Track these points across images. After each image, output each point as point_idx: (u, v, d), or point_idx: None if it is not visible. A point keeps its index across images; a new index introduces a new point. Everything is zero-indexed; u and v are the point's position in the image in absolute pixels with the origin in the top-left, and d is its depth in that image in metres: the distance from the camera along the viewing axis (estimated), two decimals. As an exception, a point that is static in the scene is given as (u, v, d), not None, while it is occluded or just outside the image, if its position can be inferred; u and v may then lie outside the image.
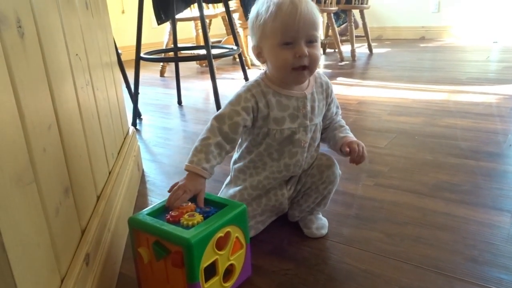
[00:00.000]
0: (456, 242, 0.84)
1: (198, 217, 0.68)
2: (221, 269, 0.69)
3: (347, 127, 0.90)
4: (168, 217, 0.69)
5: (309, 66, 0.77)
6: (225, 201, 0.75)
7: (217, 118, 0.79)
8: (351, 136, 0.87)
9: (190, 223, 0.66)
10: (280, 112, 0.80)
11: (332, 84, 0.89)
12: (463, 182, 1.11)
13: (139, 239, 0.70)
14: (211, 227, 0.66)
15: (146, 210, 0.73)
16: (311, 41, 0.76)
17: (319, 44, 0.79)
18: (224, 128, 0.78)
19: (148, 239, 0.68)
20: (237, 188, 0.86)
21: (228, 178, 0.92)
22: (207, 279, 0.66)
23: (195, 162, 0.76)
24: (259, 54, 0.82)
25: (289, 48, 0.76)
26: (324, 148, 0.92)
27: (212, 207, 0.73)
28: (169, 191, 0.76)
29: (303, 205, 0.89)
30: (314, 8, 0.77)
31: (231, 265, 0.71)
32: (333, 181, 0.86)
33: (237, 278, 0.73)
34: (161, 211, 0.73)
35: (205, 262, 0.65)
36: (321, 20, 0.81)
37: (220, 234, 0.67)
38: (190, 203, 0.73)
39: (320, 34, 0.82)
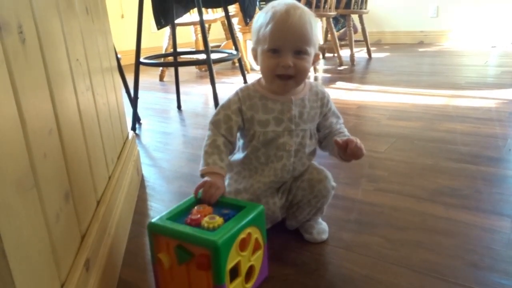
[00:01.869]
0: (456, 247, 0.84)
1: (219, 220, 0.67)
2: (243, 270, 0.69)
3: (347, 134, 0.87)
4: (189, 220, 0.69)
5: (295, 77, 0.78)
6: (242, 203, 0.75)
7: (214, 123, 0.82)
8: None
9: (211, 226, 0.66)
10: (264, 115, 0.82)
11: (329, 94, 0.89)
12: (463, 186, 1.11)
13: (158, 244, 0.69)
14: (234, 228, 0.66)
15: (164, 214, 0.71)
16: (299, 53, 0.77)
17: (309, 57, 0.79)
18: (221, 131, 0.81)
19: (169, 244, 0.68)
20: (232, 190, 0.86)
21: (227, 181, 0.92)
22: (230, 280, 0.66)
23: (212, 164, 0.78)
24: (255, 57, 0.83)
25: (275, 57, 0.77)
26: (323, 159, 0.92)
27: (230, 209, 0.73)
28: (195, 193, 0.76)
29: (299, 217, 0.88)
30: (307, 22, 0.77)
31: (251, 266, 0.72)
32: (325, 195, 0.85)
33: (256, 279, 0.73)
34: (179, 215, 0.72)
35: (230, 264, 0.65)
36: (315, 34, 0.79)
37: (243, 235, 0.67)
38: (207, 206, 0.73)
39: (318, 40, 0.81)
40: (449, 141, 1.47)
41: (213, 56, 1.97)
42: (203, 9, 2.17)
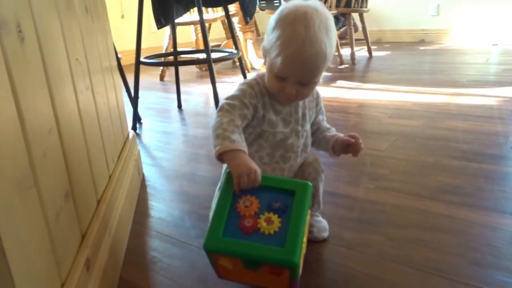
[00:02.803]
0: (458, 245, 0.84)
1: (276, 221, 0.63)
2: (305, 243, 0.67)
3: (334, 130, 0.90)
4: (244, 229, 0.63)
5: (297, 98, 0.78)
6: (288, 185, 0.66)
7: (229, 105, 0.75)
8: (340, 134, 0.87)
9: (272, 231, 0.62)
10: (274, 115, 0.80)
11: (320, 93, 0.89)
12: (465, 184, 1.11)
13: (218, 256, 0.64)
14: (299, 234, 0.61)
15: (214, 228, 0.63)
16: (303, 84, 0.75)
17: (315, 84, 0.77)
18: (237, 115, 0.75)
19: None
20: None
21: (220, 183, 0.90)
22: None
23: (237, 141, 0.68)
24: (264, 58, 0.81)
25: (281, 81, 0.75)
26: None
27: (277, 197, 0.66)
28: (237, 190, 0.67)
29: None
30: (321, 58, 0.71)
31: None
32: (315, 177, 0.85)
33: None
34: (229, 221, 0.64)
35: (301, 258, 0.63)
36: (329, 60, 0.74)
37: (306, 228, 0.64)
38: (250, 196, 0.66)
39: (332, 57, 0.77)
40: (450, 139, 1.47)
41: (214, 55, 1.96)
42: (203, 9, 2.17)
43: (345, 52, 3.40)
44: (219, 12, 3.19)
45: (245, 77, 2.16)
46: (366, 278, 0.76)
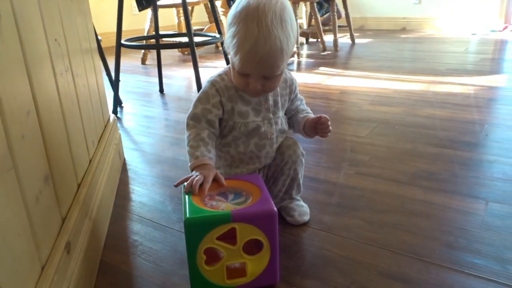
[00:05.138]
0: (433, 229, 0.87)
1: None
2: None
3: (310, 111, 0.90)
4: None
5: (264, 91, 0.78)
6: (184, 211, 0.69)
7: (192, 118, 0.80)
8: (312, 115, 0.88)
9: None
10: (244, 106, 0.81)
11: (296, 80, 0.89)
12: (440, 170, 1.14)
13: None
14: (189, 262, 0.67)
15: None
16: (269, 77, 0.75)
17: (280, 76, 0.77)
18: (203, 125, 0.79)
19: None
20: None
21: None
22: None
23: (200, 156, 0.76)
24: (229, 53, 0.80)
25: (244, 77, 0.75)
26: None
27: None
28: (176, 185, 0.75)
29: (274, 190, 0.89)
30: (278, 51, 0.70)
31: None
32: (295, 160, 0.87)
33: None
34: None
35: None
36: (289, 51, 0.73)
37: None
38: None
39: (295, 43, 0.75)
40: (428, 126, 1.50)
41: (196, 39, 1.94)
42: (186, -9, 2.13)
43: (328, 38, 3.40)
44: (202, -5, 3.14)
45: (227, 61, 2.14)
46: (344, 260, 0.78)
